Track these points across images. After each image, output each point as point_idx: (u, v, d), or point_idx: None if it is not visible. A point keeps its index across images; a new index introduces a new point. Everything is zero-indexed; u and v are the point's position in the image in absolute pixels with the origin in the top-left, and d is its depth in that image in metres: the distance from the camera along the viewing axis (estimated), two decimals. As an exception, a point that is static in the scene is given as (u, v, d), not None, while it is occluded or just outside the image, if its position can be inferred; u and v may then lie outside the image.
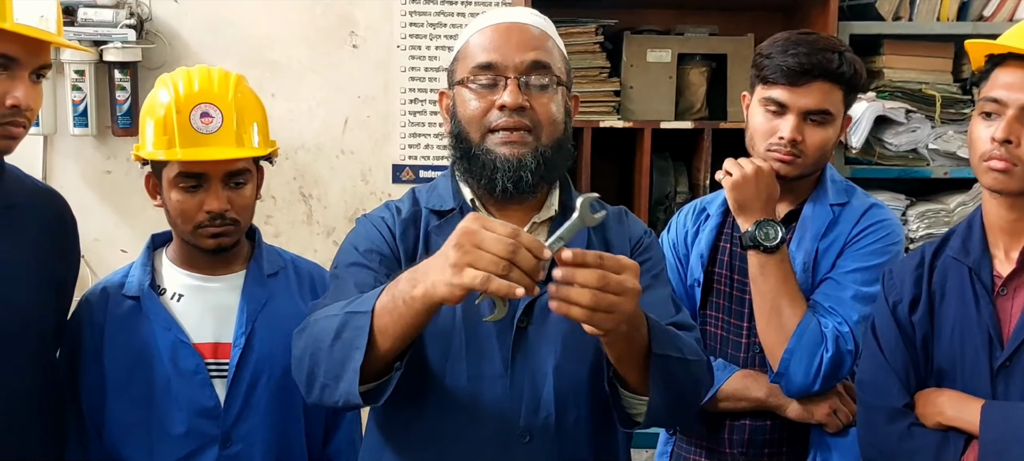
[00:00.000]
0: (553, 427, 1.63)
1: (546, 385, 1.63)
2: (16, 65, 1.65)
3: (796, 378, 2.01)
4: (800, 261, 2.09)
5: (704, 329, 2.20)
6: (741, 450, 2.14)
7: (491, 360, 1.62)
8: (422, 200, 1.72)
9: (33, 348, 1.82)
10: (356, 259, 1.65)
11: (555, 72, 1.65)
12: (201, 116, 1.85)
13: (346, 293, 1.57)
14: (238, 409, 1.89)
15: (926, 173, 3.30)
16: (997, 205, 1.76)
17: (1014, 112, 1.67)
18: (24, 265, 1.79)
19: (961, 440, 1.71)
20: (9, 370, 1.75)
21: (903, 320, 1.83)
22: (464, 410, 1.61)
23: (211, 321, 1.92)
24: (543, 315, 1.62)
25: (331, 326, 1.47)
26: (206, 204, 1.85)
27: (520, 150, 1.60)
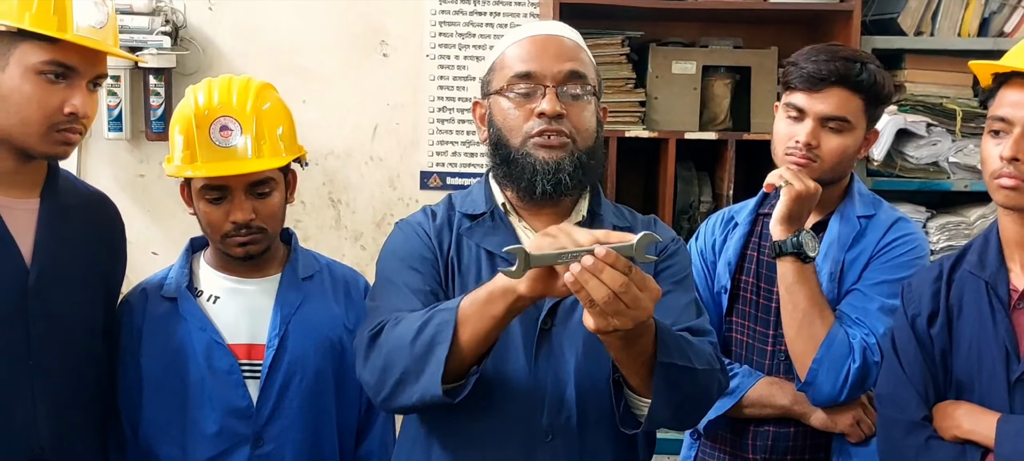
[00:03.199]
0: (575, 427, 1.65)
1: (569, 385, 1.65)
2: (75, 74, 1.70)
3: (823, 388, 2.01)
4: (826, 271, 2.09)
5: (730, 336, 2.21)
6: (764, 456, 2.14)
7: (515, 360, 1.64)
8: (457, 204, 1.76)
9: (83, 345, 1.86)
10: (402, 263, 1.69)
11: (590, 82, 1.68)
12: (220, 130, 1.87)
13: (398, 295, 1.63)
14: (270, 410, 1.91)
15: (947, 186, 3.29)
16: (1011, 221, 1.76)
17: (1021, 130, 1.68)
18: (76, 265, 1.84)
19: (978, 453, 1.71)
20: (61, 364, 1.79)
21: (922, 333, 1.83)
22: (488, 410, 1.63)
23: (246, 323, 1.94)
24: (566, 316, 1.65)
25: (413, 325, 1.52)
26: (231, 215, 1.87)
27: (559, 154, 1.64)
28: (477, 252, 1.68)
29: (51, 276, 1.77)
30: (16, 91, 1.67)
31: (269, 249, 1.96)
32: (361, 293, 2.02)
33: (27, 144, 1.71)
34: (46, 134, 1.70)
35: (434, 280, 1.66)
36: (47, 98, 1.68)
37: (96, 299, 1.91)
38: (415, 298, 1.62)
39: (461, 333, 1.47)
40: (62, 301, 1.79)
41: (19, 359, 1.73)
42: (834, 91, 2.04)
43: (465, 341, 1.48)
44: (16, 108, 1.68)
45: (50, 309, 1.77)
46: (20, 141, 1.71)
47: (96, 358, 1.91)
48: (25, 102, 1.67)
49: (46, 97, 1.68)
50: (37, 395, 1.75)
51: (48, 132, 1.70)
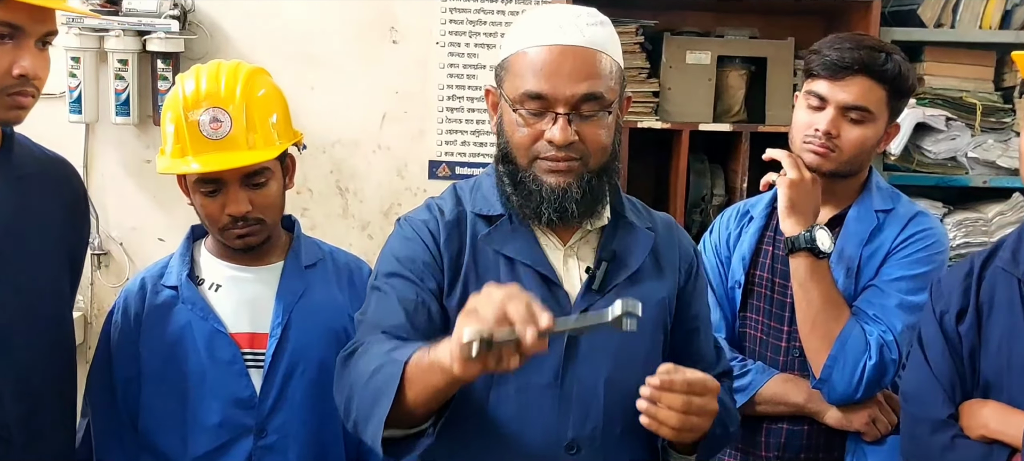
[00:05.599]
0: (599, 439, 1.61)
1: (596, 397, 1.60)
2: (21, 33, 1.61)
3: (838, 385, 1.97)
4: (843, 266, 2.05)
5: (744, 332, 2.17)
6: (777, 454, 2.10)
7: (541, 371, 1.57)
8: (466, 201, 1.66)
9: (49, 317, 1.80)
10: (397, 269, 1.60)
11: (606, 96, 1.55)
12: (210, 122, 1.81)
13: (389, 309, 1.55)
14: (273, 400, 1.87)
15: (965, 181, 3.26)
16: None
17: None
18: (37, 234, 1.77)
19: (1004, 453, 1.66)
20: (26, 338, 1.73)
21: (950, 331, 1.78)
22: (512, 420, 1.59)
23: (248, 311, 1.90)
24: None
25: (370, 366, 1.45)
26: (227, 208, 1.82)
27: (567, 179, 1.55)
28: (495, 257, 1.60)
29: (10, 246, 1.70)
30: None
31: (270, 238, 1.92)
32: (365, 281, 1.96)
33: None
34: None
35: (429, 288, 1.58)
36: None
37: (61, 268, 1.85)
38: (402, 312, 1.54)
39: (407, 391, 1.39)
40: (24, 272, 1.72)
41: None
42: (857, 80, 1.99)
43: (411, 400, 1.39)
44: None
45: (11, 281, 1.70)
46: None
47: (64, 331, 1.86)
48: None
49: None
50: (2, 371, 1.69)
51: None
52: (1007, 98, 3.25)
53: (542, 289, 1.58)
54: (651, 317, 1.65)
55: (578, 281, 1.61)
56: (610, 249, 1.63)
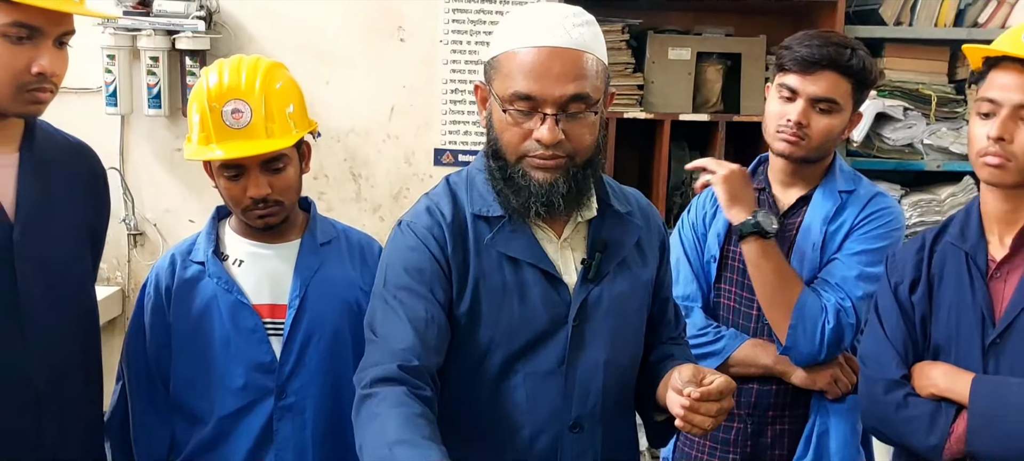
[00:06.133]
0: (598, 415, 1.62)
1: (596, 379, 1.60)
2: (39, 34, 1.59)
3: (803, 350, 1.99)
4: (810, 242, 2.05)
5: (718, 301, 2.17)
6: (748, 412, 2.11)
7: (546, 359, 1.57)
8: (464, 202, 1.59)
9: (73, 292, 1.80)
10: (406, 283, 1.52)
11: (592, 96, 1.49)
12: (232, 113, 1.80)
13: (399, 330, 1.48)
14: (292, 365, 1.87)
15: (920, 166, 3.28)
16: (993, 196, 1.73)
17: (1008, 111, 1.64)
18: (60, 215, 1.75)
19: (952, 410, 1.68)
20: (52, 313, 1.73)
21: (903, 300, 1.79)
22: (521, 406, 1.57)
23: (268, 285, 1.89)
24: (593, 311, 1.59)
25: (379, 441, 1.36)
26: (248, 191, 1.80)
27: (553, 175, 1.50)
28: (499, 258, 1.56)
29: (35, 227, 1.69)
30: None
31: (288, 218, 1.91)
32: (375, 257, 1.96)
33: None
34: (16, 95, 1.61)
35: (438, 300, 1.52)
36: (13, 60, 1.58)
37: (83, 247, 1.83)
38: (412, 333, 1.47)
39: None
40: (48, 251, 1.72)
41: (10, 310, 1.66)
42: (825, 74, 1.99)
43: None
44: None
45: (37, 260, 1.69)
46: None
47: (88, 305, 1.85)
48: None
49: (12, 59, 1.58)
50: (31, 344, 1.69)
51: (18, 93, 1.60)
52: (960, 90, 3.26)
53: (545, 284, 1.56)
54: (638, 298, 1.67)
55: (574, 271, 1.59)
56: (601, 239, 1.60)
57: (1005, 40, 1.71)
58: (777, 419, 2.11)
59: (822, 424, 2.07)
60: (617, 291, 1.61)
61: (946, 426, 1.68)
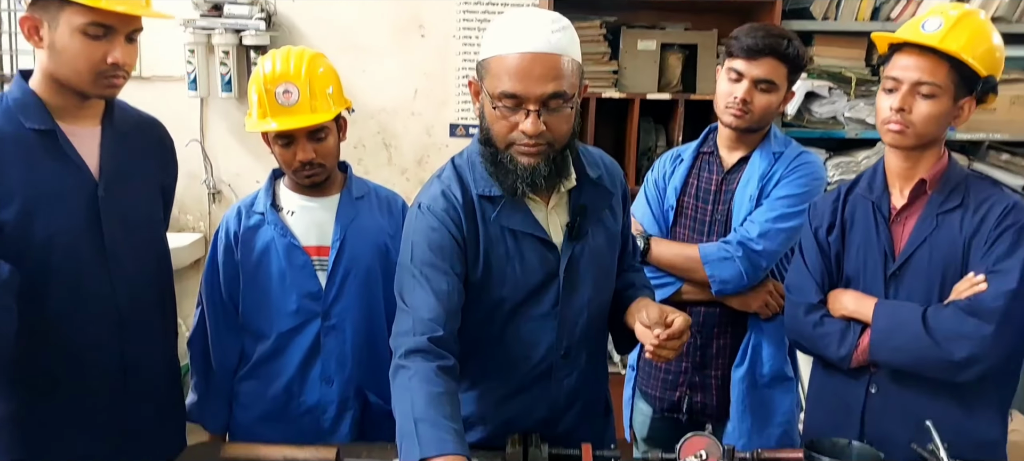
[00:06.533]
0: (582, 343, 1.63)
1: (582, 315, 1.61)
2: (113, 32, 1.59)
3: (727, 285, 2.00)
4: (747, 194, 2.04)
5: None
6: (697, 329, 2.11)
7: (541, 304, 1.58)
8: (469, 182, 1.54)
9: (148, 238, 1.80)
10: (431, 260, 1.48)
11: (568, 92, 1.44)
12: (283, 93, 1.79)
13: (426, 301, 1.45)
14: (334, 293, 1.87)
15: (842, 134, 3.23)
16: (895, 156, 1.72)
17: (907, 87, 1.63)
18: (136, 176, 1.76)
19: (859, 328, 1.69)
20: (131, 253, 1.74)
21: (822, 240, 1.79)
22: (523, 342, 1.59)
23: (315, 230, 1.89)
24: (577, 265, 1.58)
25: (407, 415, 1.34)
26: (297, 156, 1.80)
27: (536, 160, 1.46)
28: (502, 231, 1.53)
29: (116, 186, 1.70)
30: (67, 48, 1.57)
31: (329, 178, 1.90)
32: (399, 209, 1.97)
33: (81, 88, 1.62)
34: (95, 81, 1.61)
35: (457, 272, 1.49)
36: (91, 52, 1.58)
37: (155, 202, 1.84)
38: (437, 304, 1.44)
39: None
40: (127, 204, 1.72)
41: (97, 252, 1.68)
42: (766, 60, 1.96)
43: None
44: (68, 61, 1.58)
45: (118, 211, 1.70)
46: (75, 86, 1.62)
47: (160, 248, 1.86)
48: (75, 56, 1.58)
49: (91, 52, 1.58)
50: (115, 278, 1.70)
51: (96, 79, 1.60)
52: (875, 72, 3.20)
53: (540, 248, 1.55)
54: (612, 247, 1.67)
55: (560, 232, 1.58)
56: (581, 206, 1.59)
57: (906, 29, 1.69)
58: (720, 335, 2.11)
59: (756, 339, 2.08)
60: (595, 244, 1.61)
61: (854, 340, 1.68)
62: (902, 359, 1.62)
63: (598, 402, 1.75)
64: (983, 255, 1.59)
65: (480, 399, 1.65)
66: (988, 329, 1.54)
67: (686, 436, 1.58)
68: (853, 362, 1.68)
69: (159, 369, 1.83)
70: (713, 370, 2.12)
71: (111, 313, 1.70)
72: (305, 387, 1.90)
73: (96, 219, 1.67)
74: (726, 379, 2.10)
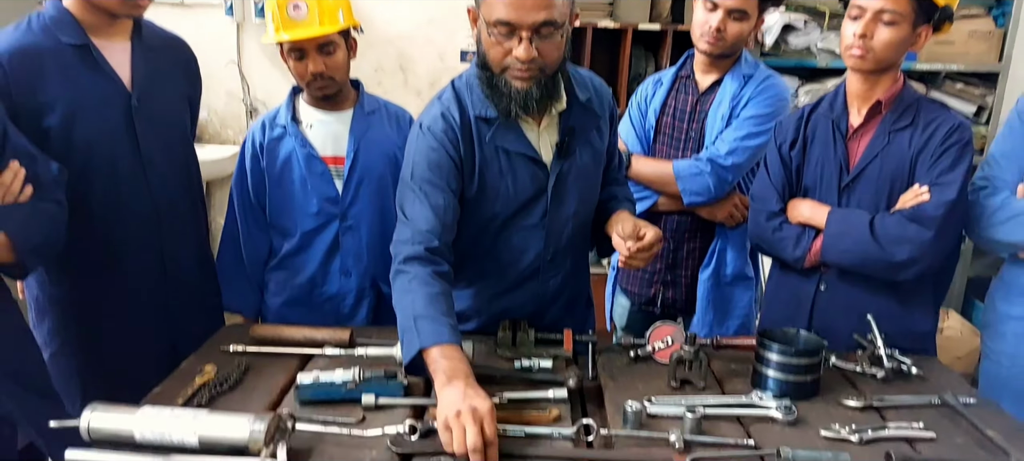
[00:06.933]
0: (567, 249, 1.61)
1: (567, 225, 1.58)
2: None
3: (698, 197, 1.97)
4: (720, 114, 1.98)
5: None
6: (670, 235, 2.10)
7: (531, 216, 1.55)
8: (467, 104, 1.48)
9: (179, 141, 1.79)
10: (429, 177, 1.44)
11: (559, 20, 1.37)
12: (293, 8, 1.74)
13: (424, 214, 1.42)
14: (351, 197, 1.86)
15: (814, 64, 3.14)
16: (855, 79, 1.66)
17: (870, 15, 1.56)
18: (165, 87, 1.73)
19: (813, 233, 1.66)
20: (163, 157, 1.73)
21: (785, 155, 1.75)
22: (514, 249, 1.58)
23: (331, 141, 1.86)
24: (565, 181, 1.55)
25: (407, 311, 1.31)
26: (309, 68, 1.75)
27: (528, 84, 1.41)
28: (496, 151, 1.49)
29: (147, 95, 1.67)
30: None
31: (341, 92, 1.85)
32: (407, 124, 1.93)
33: (109, 7, 1.58)
34: (123, 2, 1.58)
35: (453, 189, 1.46)
36: None
37: (183, 111, 1.81)
38: (434, 217, 1.41)
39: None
40: (158, 113, 1.70)
41: (133, 155, 1.67)
42: None
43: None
44: None
45: (150, 119, 1.68)
46: (104, 5, 1.58)
47: (188, 154, 1.84)
48: None
49: None
50: (150, 180, 1.70)
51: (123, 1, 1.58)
52: (846, 5, 3.08)
53: (531, 166, 1.51)
54: (598, 164, 1.63)
55: (551, 151, 1.53)
56: (570, 127, 1.54)
57: None
58: (690, 239, 2.10)
59: (722, 244, 2.06)
60: (582, 163, 1.57)
61: (808, 244, 1.66)
62: (849, 260, 1.60)
63: (580, 297, 1.75)
64: (928, 169, 1.55)
65: (475, 296, 1.65)
66: (928, 235, 1.51)
67: (655, 324, 1.59)
68: (806, 263, 1.67)
69: (193, 261, 1.84)
70: (683, 270, 2.12)
71: (148, 210, 1.70)
72: (327, 279, 1.90)
73: (131, 126, 1.65)
74: (694, 278, 2.10)
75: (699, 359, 1.45)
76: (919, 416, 1.35)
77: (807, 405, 1.38)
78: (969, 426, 1.32)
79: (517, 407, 1.35)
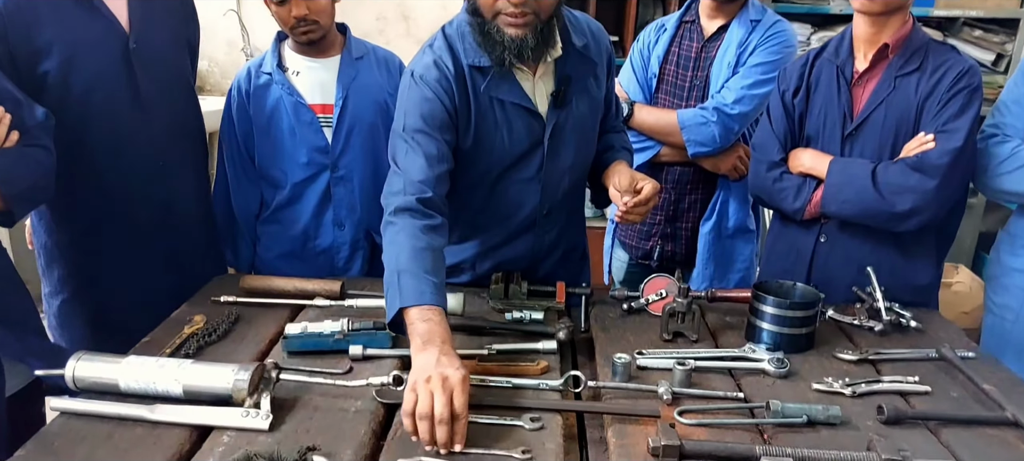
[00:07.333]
0: (563, 202, 1.59)
1: (564, 179, 1.56)
2: None
3: (703, 147, 1.94)
4: (726, 61, 1.93)
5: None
6: (672, 186, 2.07)
7: (528, 168, 1.52)
8: (460, 53, 1.42)
9: (177, 87, 1.77)
10: (422, 127, 1.40)
11: None
12: None
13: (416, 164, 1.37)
14: (341, 147, 1.83)
15: (826, 10, 3.07)
16: (862, 22, 1.60)
17: None
18: (163, 30, 1.71)
19: (814, 183, 1.63)
20: (163, 101, 1.72)
21: (788, 103, 1.71)
22: (510, 203, 1.55)
23: (319, 89, 1.83)
24: (561, 132, 1.51)
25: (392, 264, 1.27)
26: (292, 12, 1.72)
27: (523, 31, 1.35)
28: (490, 102, 1.44)
29: (145, 38, 1.65)
30: None
31: (326, 37, 1.81)
32: (396, 68, 1.89)
33: None
34: None
35: (447, 140, 1.42)
36: None
37: (182, 53, 1.79)
38: (426, 167, 1.37)
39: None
40: (156, 56, 1.68)
41: (132, 102, 1.66)
42: None
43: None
44: None
45: (149, 61, 1.66)
46: None
47: (190, 100, 1.83)
48: None
49: None
50: (153, 122, 1.69)
51: None
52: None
53: (526, 117, 1.47)
54: (595, 114, 1.59)
55: (546, 100, 1.49)
56: (565, 75, 1.49)
57: None
58: (693, 191, 2.07)
59: (724, 196, 2.03)
60: (579, 113, 1.53)
61: (808, 194, 1.64)
62: (850, 211, 1.57)
63: (576, 250, 1.74)
64: (935, 115, 1.51)
65: (470, 249, 1.64)
66: (931, 184, 1.48)
67: (649, 277, 1.58)
68: (806, 214, 1.64)
69: (200, 208, 1.85)
70: (683, 223, 2.09)
71: (151, 156, 1.71)
72: (320, 231, 1.89)
73: (129, 69, 1.64)
74: (695, 231, 2.08)
75: (692, 311, 1.44)
76: (915, 370, 1.33)
77: (801, 358, 1.37)
78: (966, 380, 1.30)
79: (505, 358, 1.35)
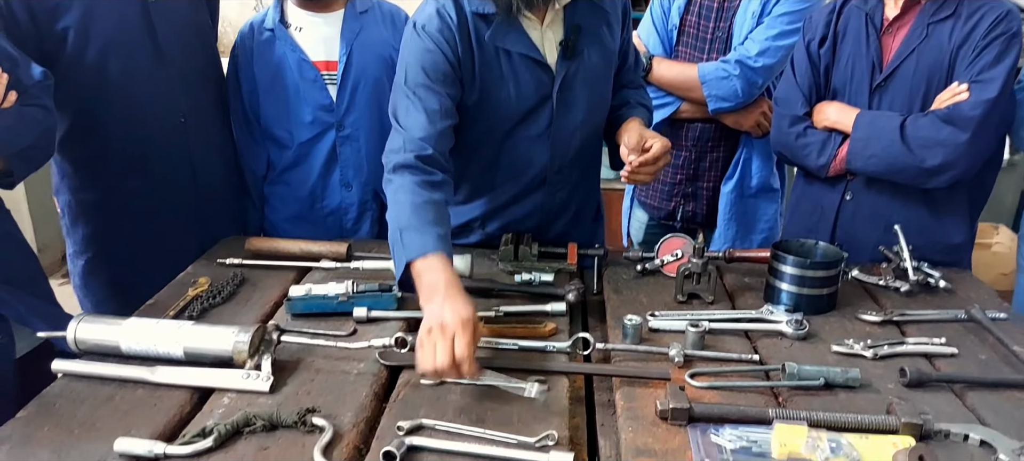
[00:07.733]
0: (574, 161, 1.56)
1: (574, 136, 1.52)
2: None
3: (724, 102, 1.89)
4: (751, 11, 1.86)
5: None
6: (693, 143, 2.02)
7: (537, 124, 1.48)
8: (464, 2, 1.39)
9: (198, 43, 1.80)
10: (424, 81, 1.37)
11: None
12: None
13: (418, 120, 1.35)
14: (346, 105, 1.81)
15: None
16: None
17: None
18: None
19: (839, 138, 1.58)
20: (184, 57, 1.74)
21: (813, 53, 1.65)
22: (519, 159, 1.52)
23: (322, 45, 1.80)
24: (571, 84, 1.46)
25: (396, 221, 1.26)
26: None
27: None
28: (496, 52, 1.40)
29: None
30: None
31: None
32: (402, 22, 1.86)
33: None
34: None
35: (450, 93, 1.38)
36: None
37: (202, 10, 1.81)
38: (428, 123, 1.34)
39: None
40: (176, 12, 1.70)
41: (153, 58, 1.67)
42: None
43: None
44: None
45: (168, 20, 1.68)
46: None
47: (211, 53, 1.85)
48: None
49: None
50: (174, 81, 1.71)
51: None
52: None
53: (534, 69, 1.43)
54: (608, 66, 1.54)
55: (555, 51, 1.44)
56: (574, 24, 1.44)
57: None
58: (714, 149, 2.02)
59: (747, 153, 1.98)
60: (591, 64, 1.48)
61: (833, 150, 1.58)
62: (877, 166, 1.51)
63: (589, 210, 1.71)
64: (969, 64, 1.44)
65: (478, 208, 1.62)
66: (963, 137, 1.41)
67: (665, 237, 1.55)
68: (831, 171, 1.59)
69: (223, 166, 1.87)
70: (705, 182, 2.05)
71: (172, 113, 1.72)
72: (327, 192, 1.88)
73: (150, 26, 1.65)
74: (716, 190, 2.03)
75: (708, 272, 1.41)
76: (942, 331, 1.29)
77: (821, 320, 1.33)
78: (995, 342, 1.26)
79: (513, 320, 1.33)
